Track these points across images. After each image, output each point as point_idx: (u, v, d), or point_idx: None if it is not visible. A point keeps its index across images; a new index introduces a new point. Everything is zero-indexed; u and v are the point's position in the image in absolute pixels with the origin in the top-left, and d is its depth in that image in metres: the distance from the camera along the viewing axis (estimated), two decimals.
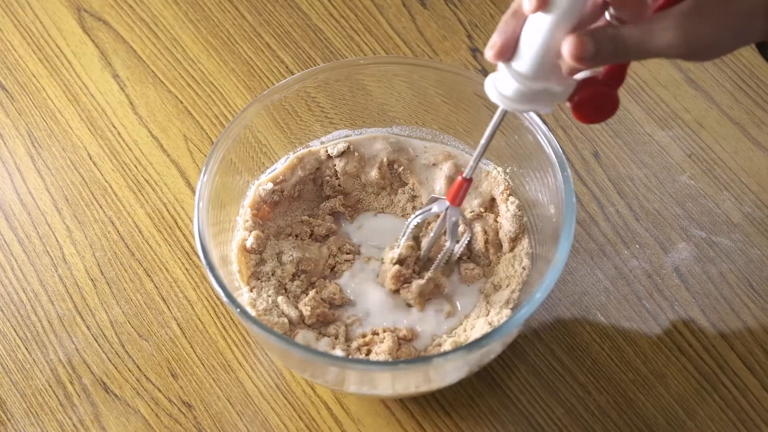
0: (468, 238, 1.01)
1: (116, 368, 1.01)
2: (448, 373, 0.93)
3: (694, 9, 0.73)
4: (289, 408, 0.98)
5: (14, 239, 1.09)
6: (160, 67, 1.22)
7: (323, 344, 0.96)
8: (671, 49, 0.74)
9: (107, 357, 1.02)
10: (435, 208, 0.97)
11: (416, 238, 1.02)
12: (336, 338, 0.97)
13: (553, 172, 0.95)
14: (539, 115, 0.97)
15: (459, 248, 1.01)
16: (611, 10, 0.77)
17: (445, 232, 0.98)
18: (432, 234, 0.99)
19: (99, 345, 1.02)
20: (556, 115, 1.16)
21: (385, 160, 1.07)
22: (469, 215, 1.04)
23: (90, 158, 1.15)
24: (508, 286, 0.99)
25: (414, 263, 1.01)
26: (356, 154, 1.07)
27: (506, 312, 0.96)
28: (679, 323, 1.02)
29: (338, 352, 0.95)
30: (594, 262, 1.06)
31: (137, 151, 1.15)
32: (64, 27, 1.25)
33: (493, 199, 1.05)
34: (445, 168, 1.06)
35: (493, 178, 1.05)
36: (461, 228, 1.01)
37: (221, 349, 1.02)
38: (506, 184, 1.03)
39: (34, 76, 1.22)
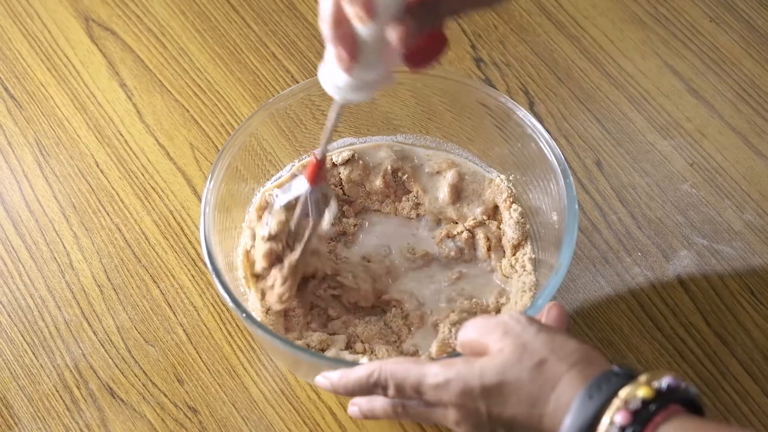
0: (335, 211, 0.99)
1: (122, 373, 1.02)
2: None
3: None
4: (294, 413, 0.99)
5: (22, 246, 1.10)
6: (167, 76, 1.23)
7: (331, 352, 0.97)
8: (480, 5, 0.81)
9: (114, 362, 1.02)
10: (295, 189, 0.96)
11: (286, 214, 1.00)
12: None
13: (555, 180, 0.96)
14: (542, 124, 0.98)
15: (327, 223, 0.99)
16: None
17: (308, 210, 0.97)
18: (297, 212, 0.97)
19: (105, 350, 1.03)
20: (559, 124, 1.17)
21: (389, 168, 1.08)
22: (471, 222, 1.05)
23: (97, 166, 1.16)
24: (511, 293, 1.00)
25: (286, 239, 0.99)
26: (360, 162, 1.08)
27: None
28: (681, 330, 1.03)
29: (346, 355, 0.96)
30: (596, 270, 1.07)
31: (144, 159, 1.16)
32: (72, 36, 1.26)
33: (496, 207, 1.06)
34: (449, 176, 1.07)
35: (496, 186, 1.05)
36: (332, 204, 0.99)
37: (227, 354, 1.03)
38: (509, 191, 1.04)
39: (42, 85, 1.23)
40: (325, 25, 0.78)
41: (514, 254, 1.02)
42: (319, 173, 0.94)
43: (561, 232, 0.94)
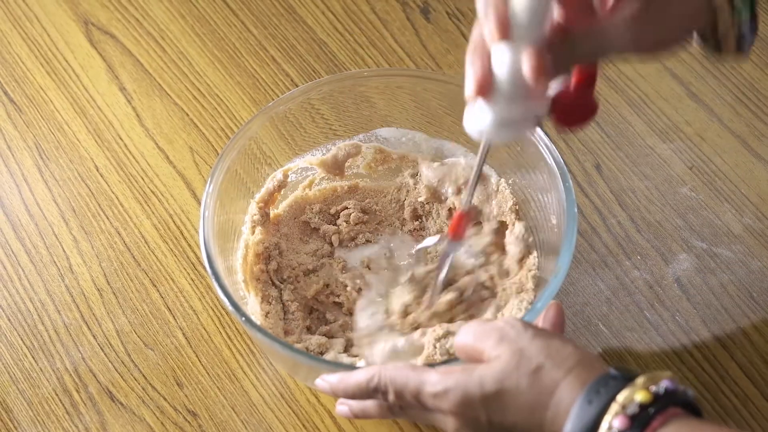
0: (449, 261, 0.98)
1: (122, 377, 1.02)
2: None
3: (639, 13, 0.76)
4: (293, 417, 0.99)
5: (21, 249, 1.10)
6: (166, 80, 1.23)
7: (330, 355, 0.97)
8: (623, 52, 0.79)
9: (113, 366, 1.02)
10: (437, 245, 0.96)
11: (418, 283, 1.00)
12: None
13: (554, 184, 0.96)
14: (541, 127, 0.98)
15: (443, 274, 0.98)
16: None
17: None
18: (441, 276, 0.97)
19: (105, 354, 1.03)
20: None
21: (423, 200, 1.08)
22: (471, 265, 1.03)
23: (97, 170, 1.16)
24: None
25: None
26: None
27: None
28: (680, 333, 1.03)
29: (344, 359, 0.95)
30: (596, 273, 1.07)
31: (144, 163, 1.16)
32: (71, 40, 1.27)
33: (503, 224, 1.05)
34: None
35: (501, 194, 1.05)
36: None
37: (226, 358, 1.03)
38: (514, 199, 1.04)
39: (41, 89, 1.23)
40: (471, 51, 0.77)
41: (516, 273, 1.01)
42: (463, 226, 0.93)
43: (560, 236, 0.94)
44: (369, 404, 0.85)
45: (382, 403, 0.83)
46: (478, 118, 0.79)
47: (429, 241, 1.01)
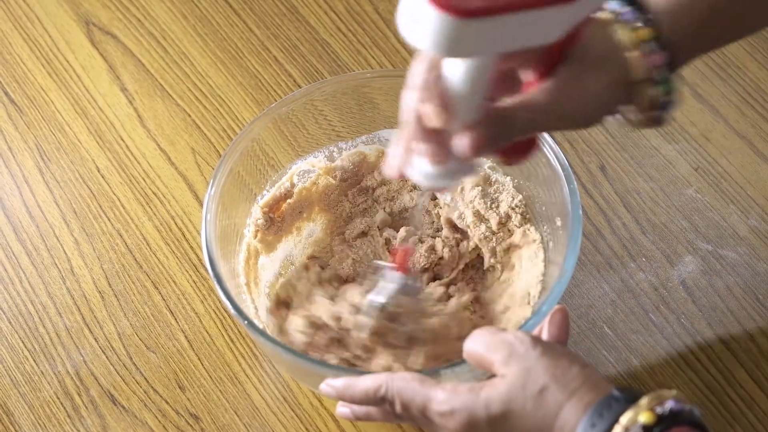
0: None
1: (124, 380, 1.01)
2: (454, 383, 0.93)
3: (554, 93, 0.77)
4: (297, 420, 0.99)
5: (23, 252, 1.10)
6: (168, 80, 1.22)
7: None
8: (553, 128, 0.83)
9: (115, 369, 1.02)
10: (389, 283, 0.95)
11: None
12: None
13: (559, 185, 0.96)
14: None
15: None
16: None
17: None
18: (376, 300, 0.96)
19: (107, 357, 1.03)
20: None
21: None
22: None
23: (98, 171, 1.15)
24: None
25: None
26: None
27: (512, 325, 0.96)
28: (686, 336, 1.02)
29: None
30: (600, 275, 1.06)
31: (145, 164, 1.16)
32: (72, 41, 1.26)
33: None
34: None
35: (507, 193, 1.04)
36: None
37: (228, 361, 1.02)
38: (520, 198, 1.03)
39: (42, 90, 1.22)
40: (409, 124, 0.77)
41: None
42: (407, 260, 0.93)
43: (565, 238, 0.93)
44: (373, 409, 0.84)
45: (388, 410, 0.82)
46: (423, 170, 0.79)
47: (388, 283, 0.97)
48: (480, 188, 1.04)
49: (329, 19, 1.27)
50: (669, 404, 0.72)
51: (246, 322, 0.88)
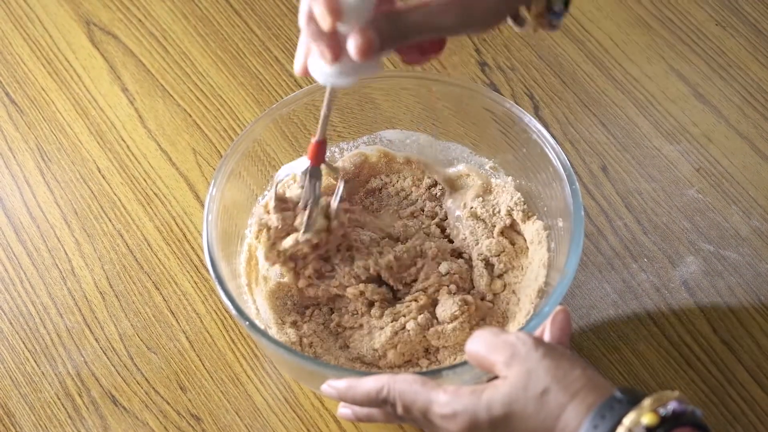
0: (341, 187, 0.97)
1: (125, 381, 1.01)
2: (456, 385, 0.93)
3: None
4: (298, 421, 0.98)
5: (23, 252, 1.10)
6: (169, 80, 1.22)
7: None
8: (454, 24, 0.78)
9: (116, 370, 1.02)
10: (297, 167, 0.96)
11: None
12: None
13: (561, 186, 0.96)
14: (547, 128, 0.97)
15: (335, 201, 0.97)
16: None
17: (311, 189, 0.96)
18: (302, 191, 0.97)
19: (108, 358, 1.03)
20: (565, 128, 1.16)
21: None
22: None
23: (99, 171, 1.15)
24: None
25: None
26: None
27: (515, 325, 0.96)
28: (687, 337, 1.02)
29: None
30: (602, 276, 1.06)
31: (146, 165, 1.16)
32: (73, 41, 1.26)
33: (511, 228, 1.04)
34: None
35: (507, 193, 1.04)
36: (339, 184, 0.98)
37: (230, 362, 1.02)
38: (519, 195, 1.03)
39: (43, 90, 1.22)
40: (302, 23, 0.78)
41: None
42: (319, 153, 0.94)
43: (567, 239, 0.93)
44: (375, 410, 0.84)
45: (389, 411, 0.82)
46: (323, 67, 0.81)
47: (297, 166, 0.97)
48: (481, 198, 1.04)
49: None
50: (671, 405, 0.72)
51: (247, 323, 0.88)
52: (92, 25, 1.27)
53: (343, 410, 0.88)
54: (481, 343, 0.80)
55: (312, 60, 0.82)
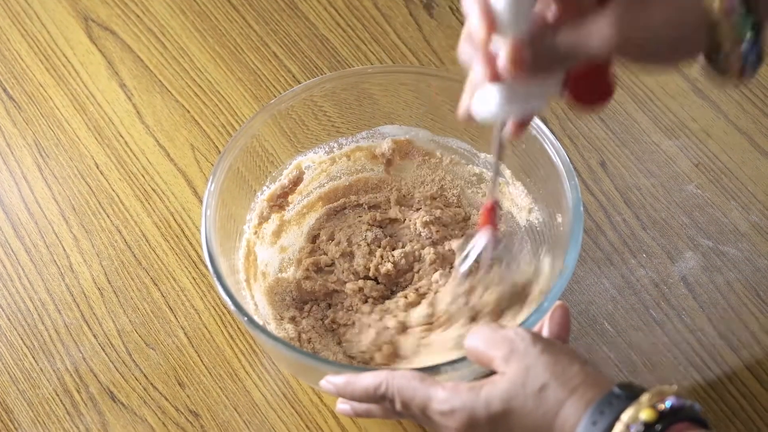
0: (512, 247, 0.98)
1: (123, 377, 1.01)
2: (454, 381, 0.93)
3: (618, 15, 0.71)
4: (297, 417, 0.98)
5: (21, 248, 1.10)
6: (167, 76, 1.22)
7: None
8: (605, 48, 0.72)
9: (114, 366, 1.02)
10: (478, 242, 0.93)
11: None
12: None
13: (560, 181, 0.95)
14: (546, 124, 0.97)
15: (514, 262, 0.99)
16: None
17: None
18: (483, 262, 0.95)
19: (106, 354, 1.02)
20: (563, 124, 1.16)
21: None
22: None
23: (97, 167, 1.15)
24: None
25: None
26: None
27: (513, 321, 0.96)
28: (686, 332, 1.02)
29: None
30: (601, 271, 1.06)
31: (144, 160, 1.15)
32: (71, 36, 1.26)
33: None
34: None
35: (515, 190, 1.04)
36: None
37: (228, 358, 1.02)
38: (524, 190, 1.03)
39: (41, 86, 1.22)
40: (463, 52, 0.75)
41: None
42: (496, 216, 0.91)
43: (566, 234, 0.93)
44: (374, 406, 0.84)
45: (388, 407, 0.82)
46: (487, 99, 0.77)
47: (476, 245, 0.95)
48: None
49: (329, 15, 1.27)
50: (670, 401, 0.72)
51: (246, 318, 0.88)
52: (90, 21, 1.27)
53: (342, 406, 0.88)
54: (479, 339, 0.80)
55: (475, 99, 0.78)
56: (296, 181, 1.06)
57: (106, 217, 1.11)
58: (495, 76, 0.73)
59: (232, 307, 0.89)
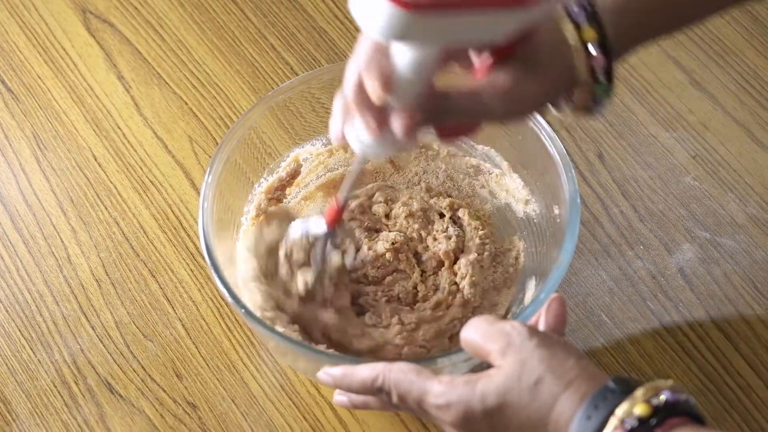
0: (353, 253, 0.99)
1: (121, 369, 1.01)
2: (452, 373, 0.93)
3: (508, 90, 0.77)
4: (294, 408, 0.98)
5: (19, 240, 1.10)
6: (165, 68, 1.22)
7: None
8: (493, 116, 0.79)
9: (112, 357, 1.02)
10: (313, 228, 0.96)
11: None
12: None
13: (557, 173, 0.95)
14: (543, 116, 0.97)
15: (350, 261, 0.99)
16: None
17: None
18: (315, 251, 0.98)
19: (104, 345, 1.03)
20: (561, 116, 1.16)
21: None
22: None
23: (95, 159, 1.15)
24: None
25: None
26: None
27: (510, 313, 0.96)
28: (684, 324, 1.02)
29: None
30: (598, 263, 1.06)
31: (142, 152, 1.15)
32: (69, 29, 1.26)
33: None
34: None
35: (513, 182, 1.04)
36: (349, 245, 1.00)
37: (226, 349, 1.02)
38: (523, 184, 1.03)
39: (39, 78, 1.22)
40: (348, 91, 0.78)
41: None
42: (338, 218, 0.94)
43: (563, 226, 0.93)
44: (371, 398, 0.84)
45: (385, 400, 0.82)
46: (360, 136, 0.80)
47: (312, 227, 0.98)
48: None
49: (326, 7, 1.27)
50: (664, 395, 0.72)
51: (243, 310, 0.88)
52: (88, 13, 1.27)
53: (339, 397, 0.88)
54: (476, 332, 0.80)
55: (350, 128, 0.81)
56: (294, 174, 1.06)
57: (104, 209, 1.12)
58: (381, 130, 0.78)
59: (229, 299, 0.89)
